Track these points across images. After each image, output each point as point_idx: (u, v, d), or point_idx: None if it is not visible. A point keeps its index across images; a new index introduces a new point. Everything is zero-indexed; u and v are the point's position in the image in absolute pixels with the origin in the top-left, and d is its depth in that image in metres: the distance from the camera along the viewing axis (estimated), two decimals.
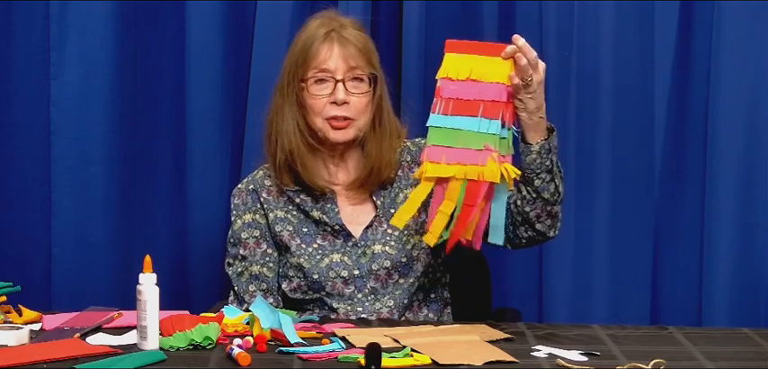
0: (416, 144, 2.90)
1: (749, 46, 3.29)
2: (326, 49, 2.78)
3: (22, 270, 3.19)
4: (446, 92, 2.57)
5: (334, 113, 2.77)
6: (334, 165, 2.86)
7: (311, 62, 2.78)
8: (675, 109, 3.37)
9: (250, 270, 2.82)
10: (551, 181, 2.64)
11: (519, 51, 2.52)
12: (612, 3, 3.31)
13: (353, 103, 2.78)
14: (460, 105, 2.55)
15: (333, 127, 2.78)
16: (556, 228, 2.71)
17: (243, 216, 2.84)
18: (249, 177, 2.90)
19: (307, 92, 2.78)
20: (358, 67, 2.78)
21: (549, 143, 2.62)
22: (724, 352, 2.43)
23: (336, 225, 2.81)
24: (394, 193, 2.86)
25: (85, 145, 3.28)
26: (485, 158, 2.51)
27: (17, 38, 3.27)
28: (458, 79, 2.56)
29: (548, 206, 2.66)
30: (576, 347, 2.41)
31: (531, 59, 2.53)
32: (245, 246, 2.83)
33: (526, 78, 2.53)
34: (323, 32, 2.79)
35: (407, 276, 2.81)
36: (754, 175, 3.32)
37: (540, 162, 2.62)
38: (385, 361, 2.24)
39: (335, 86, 2.77)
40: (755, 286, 3.33)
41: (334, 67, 2.77)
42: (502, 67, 2.53)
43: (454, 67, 2.56)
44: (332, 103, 2.77)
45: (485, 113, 2.53)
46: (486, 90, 2.54)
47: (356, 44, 2.79)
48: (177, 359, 2.32)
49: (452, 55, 2.58)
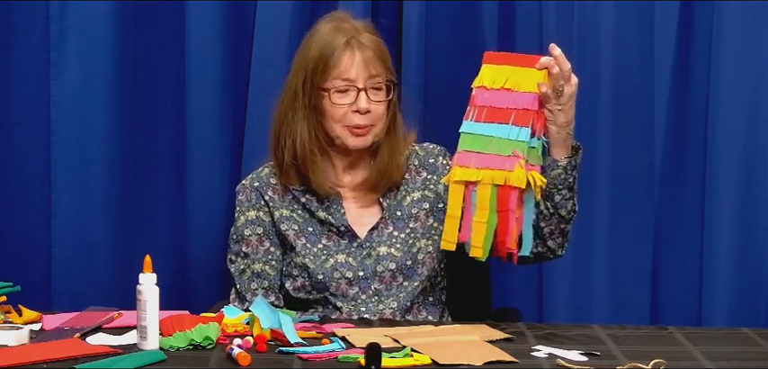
0: (424, 148, 2.91)
1: (749, 46, 3.29)
2: (348, 58, 2.78)
3: (22, 270, 3.19)
4: (480, 100, 2.60)
5: (356, 122, 2.78)
6: (343, 168, 2.86)
7: (332, 71, 2.78)
8: (675, 109, 3.37)
9: (252, 268, 2.82)
10: (570, 198, 2.66)
11: (554, 60, 2.53)
12: (612, 3, 3.31)
13: (374, 110, 2.79)
14: (493, 113, 2.57)
15: (353, 134, 2.79)
16: (564, 247, 2.74)
17: (246, 212, 2.84)
18: (254, 174, 2.89)
19: (328, 100, 2.78)
20: (378, 75, 2.79)
21: (575, 160, 2.63)
22: (724, 352, 2.43)
23: (342, 226, 2.82)
24: (401, 196, 2.86)
25: (85, 145, 3.28)
26: (512, 164, 2.53)
27: (17, 38, 3.26)
28: (492, 88, 2.58)
29: (562, 224, 2.68)
30: (576, 347, 2.41)
31: (564, 70, 2.54)
32: (248, 243, 2.83)
33: (558, 88, 2.54)
34: (343, 41, 2.78)
35: (411, 279, 2.81)
36: (754, 175, 3.32)
37: (564, 178, 2.63)
38: (385, 361, 2.24)
39: (358, 95, 2.77)
40: (755, 286, 3.33)
41: (355, 75, 2.78)
42: (536, 77, 2.56)
43: (490, 76, 2.60)
44: (354, 111, 2.78)
45: (516, 121, 2.55)
46: (518, 99, 2.57)
47: (374, 49, 2.80)
48: (177, 359, 2.32)
49: (490, 66, 2.61)
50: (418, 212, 2.85)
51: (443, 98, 3.27)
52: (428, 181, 2.87)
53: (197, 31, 3.33)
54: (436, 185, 2.86)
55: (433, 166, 2.88)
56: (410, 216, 2.85)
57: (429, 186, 2.86)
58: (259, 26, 3.32)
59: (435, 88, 3.32)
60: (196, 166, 3.36)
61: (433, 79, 3.33)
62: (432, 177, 2.88)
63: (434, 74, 3.34)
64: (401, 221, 2.84)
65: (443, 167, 2.87)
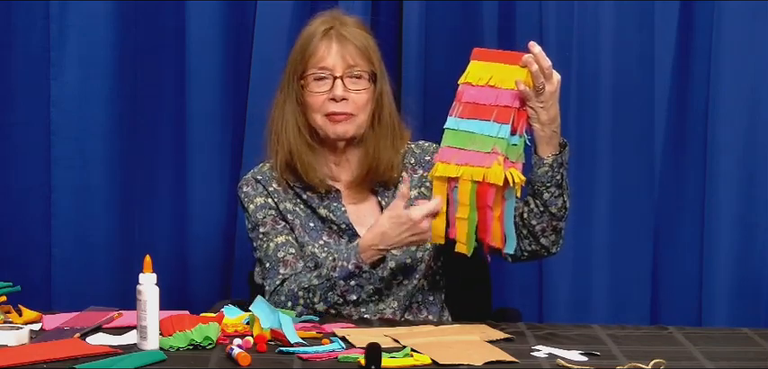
0: (420, 146, 2.90)
1: (749, 46, 3.30)
2: (324, 46, 2.78)
3: (22, 270, 3.19)
4: (465, 96, 2.61)
5: (332, 109, 2.77)
6: (336, 163, 2.86)
7: (310, 60, 2.78)
8: (675, 109, 3.37)
9: (275, 241, 2.80)
10: (560, 196, 2.66)
11: (533, 57, 2.53)
12: (612, 3, 3.31)
13: (353, 98, 2.78)
14: (476, 109, 2.58)
15: (332, 121, 2.78)
16: (558, 244, 2.73)
17: (254, 200, 2.83)
18: (255, 170, 2.89)
19: (306, 89, 2.78)
20: (356, 66, 2.79)
21: (561, 158, 2.63)
22: (724, 352, 2.43)
23: (343, 224, 2.82)
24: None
25: (85, 145, 3.28)
26: (490, 161, 2.53)
27: (17, 38, 3.27)
28: (477, 85, 2.59)
29: (554, 221, 2.68)
30: (576, 347, 2.41)
31: (544, 67, 2.54)
32: (265, 223, 2.81)
33: (538, 86, 2.54)
34: (322, 30, 2.79)
35: (411, 278, 2.81)
36: (754, 175, 3.32)
37: (551, 175, 2.63)
38: (385, 361, 2.24)
39: (334, 83, 2.77)
40: (755, 286, 3.33)
41: (331, 64, 2.78)
42: (519, 74, 2.56)
43: (476, 73, 2.61)
44: (331, 99, 2.77)
45: (497, 118, 2.56)
46: (501, 96, 2.57)
47: (355, 42, 2.79)
48: (177, 359, 2.32)
49: (477, 62, 2.62)
50: None
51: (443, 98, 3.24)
52: (424, 178, 2.87)
53: (197, 31, 3.33)
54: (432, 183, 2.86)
55: (430, 164, 2.88)
56: None
57: (425, 184, 2.86)
58: (259, 26, 3.32)
59: (435, 88, 3.32)
60: (196, 166, 3.37)
61: (433, 79, 3.33)
62: (428, 175, 2.87)
63: (434, 74, 3.34)
64: None
65: None
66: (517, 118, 2.56)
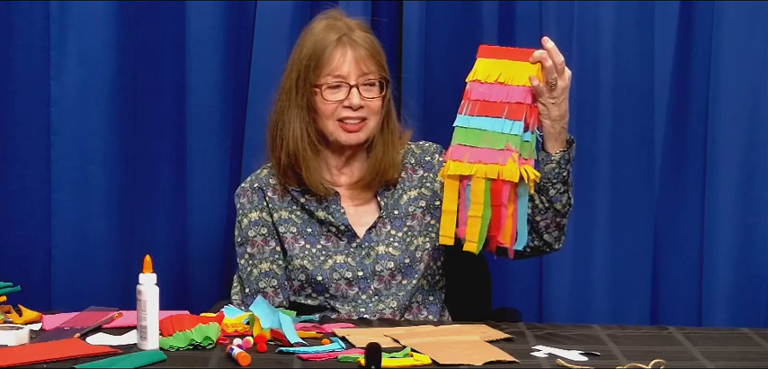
0: (420, 146, 2.91)
1: (749, 46, 3.29)
2: (339, 54, 2.78)
3: (23, 270, 3.19)
4: (474, 94, 2.59)
5: (346, 115, 2.78)
6: (338, 167, 2.86)
7: (324, 68, 2.78)
8: (675, 109, 3.37)
9: (259, 267, 2.81)
10: (565, 192, 2.67)
11: (547, 53, 2.53)
12: (612, 3, 3.31)
13: (368, 105, 2.79)
14: (486, 107, 2.57)
15: (345, 130, 2.79)
16: (561, 241, 2.73)
17: (249, 214, 2.84)
18: (253, 176, 2.89)
19: (320, 97, 2.78)
20: (370, 73, 2.79)
21: (569, 154, 2.64)
22: (724, 352, 2.43)
23: (342, 225, 2.82)
24: (398, 195, 2.86)
25: (85, 145, 3.28)
26: (505, 158, 2.53)
27: (17, 38, 3.26)
28: (486, 82, 2.58)
29: (557, 217, 2.69)
30: (576, 347, 2.41)
31: (557, 63, 2.55)
32: (254, 244, 2.83)
33: (550, 81, 2.54)
34: (334, 38, 2.79)
35: (410, 278, 2.81)
36: (754, 175, 3.32)
37: (558, 172, 2.64)
38: (385, 361, 2.24)
39: (350, 92, 2.77)
40: (755, 286, 3.33)
41: (347, 72, 2.78)
42: (530, 70, 2.56)
43: (484, 70, 2.60)
44: (346, 107, 2.78)
45: (509, 115, 2.55)
46: (512, 93, 2.57)
47: (367, 47, 2.80)
48: (177, 359, 2.32)
49: (484, 60, 2.61)
50: (415, 210, 2.85)
51: (443, 98, 3.27)
52: (424, 178, 2.87)
53: (197, 31, 3.33)
54: (433, 183, 2.87)
55: (430, 164, 2.88)
56: (407, 214, 2.85)
57: (425, 184, 2.87)
58: (259, 26, 3.32)
59: (435, 88, 3.32)
60: (196, 166, 3.37)
61: (433, 79, 3.33)
62: (428, 175, 2.88)
63: (434, 74, 3.34)
64: (399, 220, 2.84)
65: (439, 164, 2.87)
66: (529, 114, 2.56)
